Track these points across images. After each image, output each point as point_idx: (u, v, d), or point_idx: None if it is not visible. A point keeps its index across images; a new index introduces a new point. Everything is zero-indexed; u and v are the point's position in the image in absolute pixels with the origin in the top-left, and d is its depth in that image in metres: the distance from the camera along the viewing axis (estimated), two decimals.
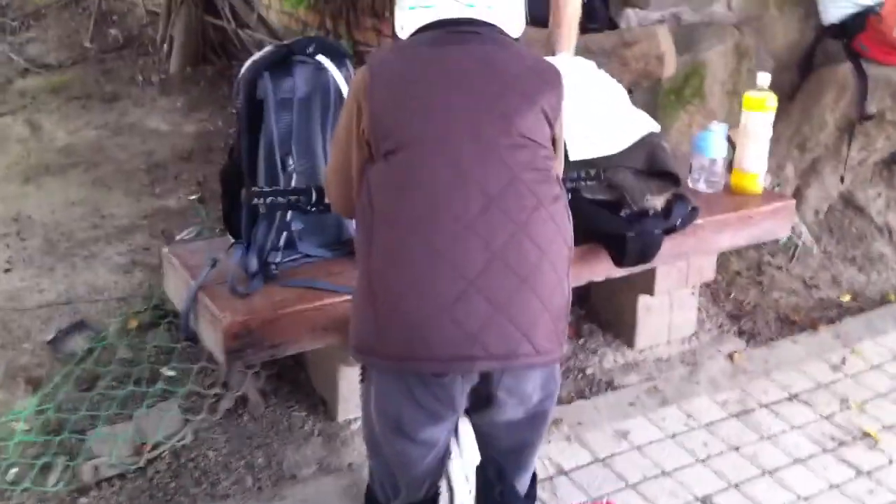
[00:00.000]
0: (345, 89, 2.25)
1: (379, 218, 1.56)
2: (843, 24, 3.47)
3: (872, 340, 3.00)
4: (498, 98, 1.59)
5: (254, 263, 2.17)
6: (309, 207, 1.95)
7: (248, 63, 2.21)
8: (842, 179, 3.61)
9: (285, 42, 2.28)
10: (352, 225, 2.15)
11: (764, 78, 2.76)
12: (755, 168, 2.82)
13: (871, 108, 3.43)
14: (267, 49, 2.25)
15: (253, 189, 1.93)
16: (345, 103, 1.71)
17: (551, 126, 1.64)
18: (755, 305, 3.17)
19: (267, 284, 2.15)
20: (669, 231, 2.49)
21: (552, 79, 1.65)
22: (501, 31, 1.68)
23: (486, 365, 1.52)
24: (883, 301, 3.28)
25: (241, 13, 5.07)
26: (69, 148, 4.19)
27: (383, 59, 1.69)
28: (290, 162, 2.21)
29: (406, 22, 1.71)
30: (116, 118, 4.54)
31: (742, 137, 2.82)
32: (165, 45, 5.46)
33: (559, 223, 1.60)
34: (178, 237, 3.11)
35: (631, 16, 3.38)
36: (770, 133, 2.79)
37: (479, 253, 1.51)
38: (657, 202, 2.51)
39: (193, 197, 3.66)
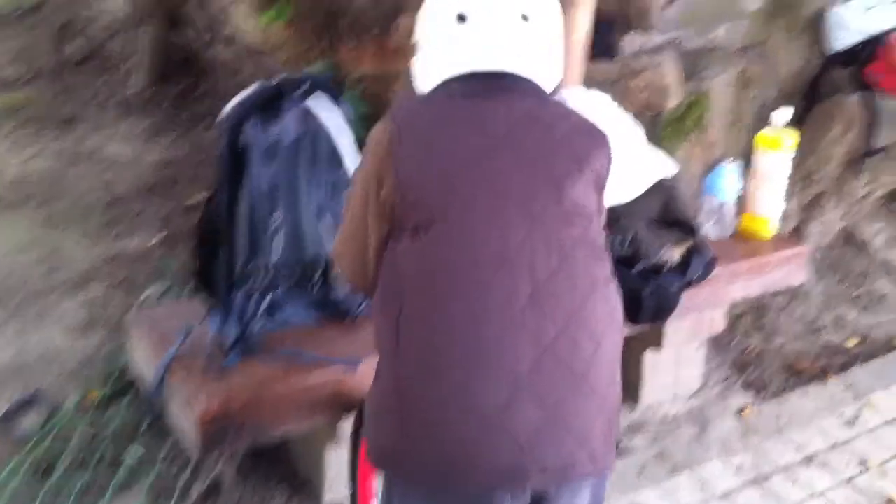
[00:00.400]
0: (339, 135, 2.03)
1: (409, 309, 1.33)
2: (851, 53, 3.32)
3: (885, 391, 2.86)
4: (547, 161, 1.36)
5: (232, 333, 1.94)
6: (311, 288, 1.69)
7: (232, 104, 1.98)
8: (845, 215, 3.46)
9: (273, 81, 2.04)
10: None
11: (782, 115, 2.57)
12: (768, 212, 2.65)
13: (880, 141, 3.28)
14: (253, 88, 2.02)
15: (249, 268, 1.66)
16: (360, 165, 1.44)
17: (599, 192, 1.43)
18: (760, 353, 3.02)
19: (247, 356, 1.92)
20: (686, 286, 2.30)
21: (601, 139, 1.43)
22: (537, 85, 1.45)
23: (541, 482, 1.31)
24: (889, 345, 3.14)
25: (211, 28, 4.81)
26: (21, 179, 3.88)
27: (409, 112, 1.42)
28: (275, 218, 1.99)
29: (429, 67, 1.46)
30: (73, 144, 4.24)
31: (753, 178, 2.64)
32: (128, 62, 5.18)
33: (613, 308, 1.40)
34: (143, 295, 2.81)
35: (633, 41, 3.18)
36: (788, 173, 2.62)
37: (528, 349, 1.29)
38: (674, 255, 2.31)
39: (156, 240, 3.38)
